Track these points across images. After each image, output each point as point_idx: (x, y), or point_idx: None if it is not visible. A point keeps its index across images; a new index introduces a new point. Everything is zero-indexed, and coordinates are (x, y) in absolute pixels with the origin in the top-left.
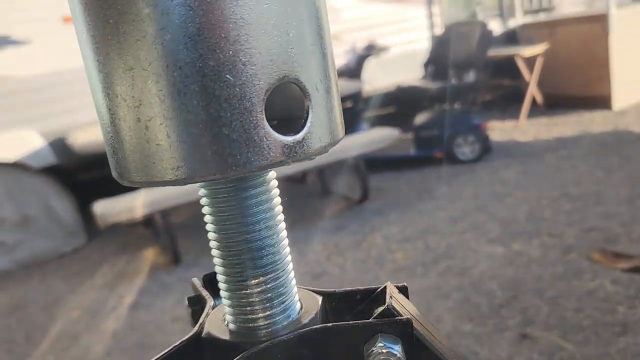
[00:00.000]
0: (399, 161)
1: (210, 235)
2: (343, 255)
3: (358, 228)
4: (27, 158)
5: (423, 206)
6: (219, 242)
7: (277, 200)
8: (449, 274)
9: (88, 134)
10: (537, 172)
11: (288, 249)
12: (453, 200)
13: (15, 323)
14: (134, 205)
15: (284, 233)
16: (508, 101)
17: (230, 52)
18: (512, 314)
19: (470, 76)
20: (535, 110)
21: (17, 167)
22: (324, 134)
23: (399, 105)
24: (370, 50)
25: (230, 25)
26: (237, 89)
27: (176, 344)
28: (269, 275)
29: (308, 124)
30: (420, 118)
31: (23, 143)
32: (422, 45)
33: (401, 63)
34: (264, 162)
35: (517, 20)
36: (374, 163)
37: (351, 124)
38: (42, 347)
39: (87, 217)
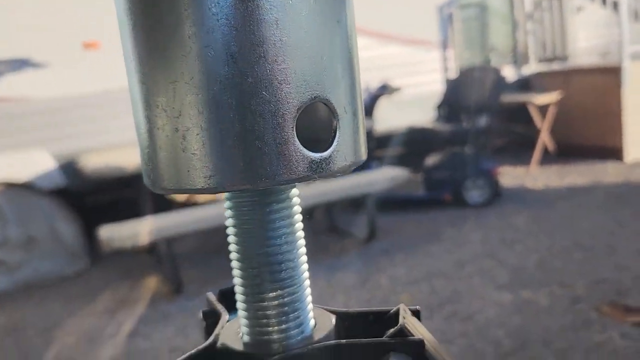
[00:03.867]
0: (407, 201)
1: (232, 246)
2: (347, 295)
3: (363, 267)
4: (37, 179)
5: (430, 248)
6: (239, 253)
7: (299, 217)
8: (454, 318)
9: (99, 159)
10: (548, 219)
11: (306, 266)
12: (461, 244)
13: (10, 345)
14: (139, 231)
15: (303, 249)
16: (520, 147)
17: (268, 70)
18: None
19: (483, 120)
20: (547, 157)
21: (26, 188)
22: (349, 154)
23: (410, 146)
24: (384, 90)
25: (270, 46)
26: (272, 105)
27: (190, 352)
28: (286, 290)
29: (335, 142)
30: (431, 160)
31: (34, 164)
32: (435, 87)
33: (414, 104)
34: (292, 176)
35: (531, 67)
36: (382, 202)
37: None
38: None
39: (91, 240)
